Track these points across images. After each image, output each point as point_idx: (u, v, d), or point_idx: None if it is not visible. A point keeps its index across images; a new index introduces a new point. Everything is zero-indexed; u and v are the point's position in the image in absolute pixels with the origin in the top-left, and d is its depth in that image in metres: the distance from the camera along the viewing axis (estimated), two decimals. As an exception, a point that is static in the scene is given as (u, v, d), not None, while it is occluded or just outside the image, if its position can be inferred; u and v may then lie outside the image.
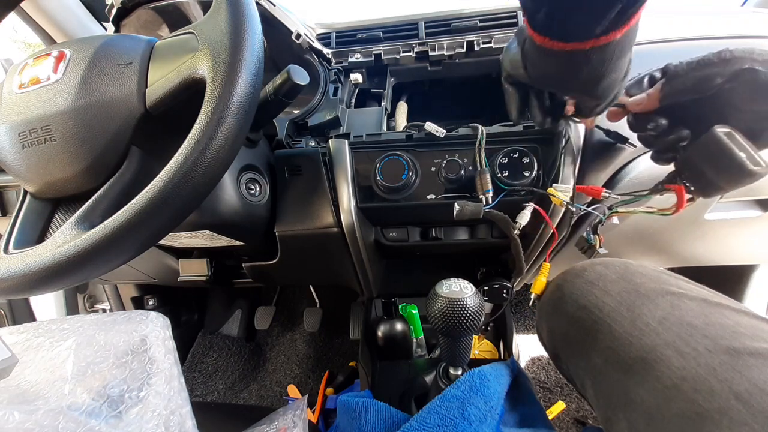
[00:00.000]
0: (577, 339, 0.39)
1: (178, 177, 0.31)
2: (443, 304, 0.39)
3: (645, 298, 0.35)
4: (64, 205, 0.41)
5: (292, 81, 0.45)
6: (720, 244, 0.69)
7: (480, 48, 0.62)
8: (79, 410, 0.40)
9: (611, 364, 0.34)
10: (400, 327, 0.73)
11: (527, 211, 0.50)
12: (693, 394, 0.27)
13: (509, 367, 0.47)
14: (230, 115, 0.32)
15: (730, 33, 0.57)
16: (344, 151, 0.54)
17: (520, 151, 0.49)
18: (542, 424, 0.43)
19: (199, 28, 0.37)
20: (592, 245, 0.45)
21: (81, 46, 0.40)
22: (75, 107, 0.37)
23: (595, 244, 0.45)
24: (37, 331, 0.48)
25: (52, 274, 0.32)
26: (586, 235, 0.46)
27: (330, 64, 0.65)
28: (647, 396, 0.30)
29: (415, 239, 0.62)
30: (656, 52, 0.58)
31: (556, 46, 0.31)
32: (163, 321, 0.53)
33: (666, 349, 0.31)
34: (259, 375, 1.21)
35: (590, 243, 0.45)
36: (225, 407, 0.92)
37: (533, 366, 1.08)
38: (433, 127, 0.52)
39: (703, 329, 0.30)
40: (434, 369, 0.50)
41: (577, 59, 0.31)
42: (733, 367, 0.27)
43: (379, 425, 0.42)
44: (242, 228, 0.54)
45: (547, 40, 0.31)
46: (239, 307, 1.33)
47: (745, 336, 0.29)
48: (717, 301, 0.33)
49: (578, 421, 0.95)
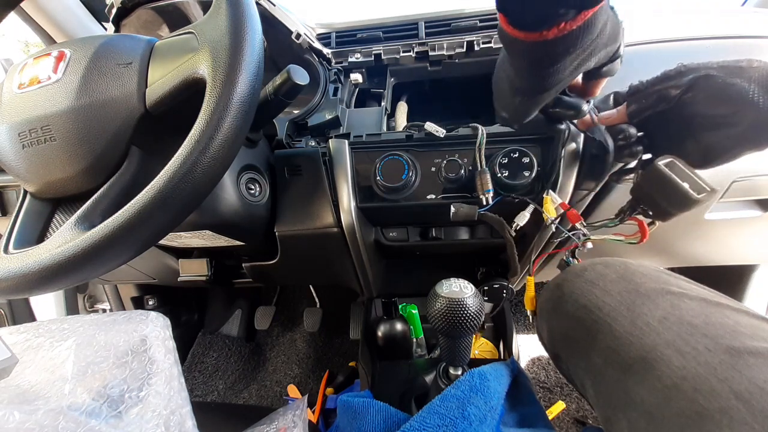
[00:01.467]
0: (577, 339, 0.39)
1: (178, 177, 0.31)
2: (443, 304, 0.39)
3: (645, 297, 0.35)
4: (64, 205, 0.41)
5: (292, 81, 0.45)
6: (720, 244, 0.69)
7: (480, 48, 0.62)
8: (79, 410, 0.40)
9: (611, 364, 0.34)
10: (400, 327, 0.73)
11: (527, 212, 0.50)
12: (693, 393, 0.27)
13: (509, 367, 0.47)
14: (230, 115, 0.32)
15: (730, 33, 0.57)
16: (344, 151, 0.54)
17: (520, 151, 0.49)
18: (542, 424, 0.43)
19: (199, 28, 0.37)
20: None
21: (81, 46, 0.40)
22: (75, 107, 0.37)
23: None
24: (37, 331, 0.48)
25: (53, 274, 0.32)
26: (566, 258, 0.47)
27: (330, 64, 0.65)
28: (647, 395, 0.30)
29: (415, 239, 0.62)
30: (656, 52, 0.58)
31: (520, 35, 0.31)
32: (163, 321, 0.53)
33: (666, 348, 0.31)
34: (259, 375, 1.21)
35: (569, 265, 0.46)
36: (225, 407, 0.92)
37: (533, 366, 1.08)
38: (433, 127, 0.52)
39: (704, 329, 0.30)
40: (434, 369, 0.50)
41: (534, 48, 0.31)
42: (733, 366, 0.27)
43: (379, 425, 0.42)
44: (242, 228, 0.54)
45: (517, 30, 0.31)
46: (239, 307, 1.33)
47: (746, 335, 0.29)
48: (717, 301, 0.33)
49: (578, 421, 0.95)
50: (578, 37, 0.30)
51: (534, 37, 0.30)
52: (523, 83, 0.36)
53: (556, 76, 0.34)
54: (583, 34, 0.30)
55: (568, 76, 0.34)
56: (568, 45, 0.31)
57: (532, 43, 0.31)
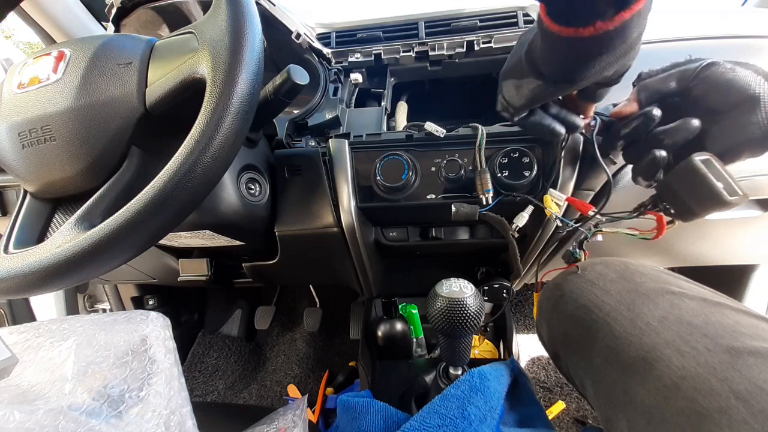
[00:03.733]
0: (577, 338, 0.39)
1: (178, 177, 0.31)
2: (443, 304, 0.39)
3: (645, 297, 0.35)
4: (64, 205, 0.41)
5: (292, 81, 0.45)
6: (720, 244, 0.69)
7: (480, 48, 0.62)
8: (79, 410, 0.40)
9: (611, 364, 0.34)
10: (400, 327, 0.73)
11: (525, 213, 0.50)
12: (693, 393, 0.27)
13: (509, 367, 0.47)
14: (230, 115, 0.32)
15: (730, 33, 0.57)
16: (344, 151, 0.54)
17: (520, 150, 0.49)
18: (542, 424, 0.43)
19: (198, 28, 0.37)
20: (578, 259, 0.45)
21: (81, 46, 0.40)
22: (75, 107, 0.37)
23: (581, 258, 0.45)
24: (37, 331, 0.48)
25: (53, 274, 0.32)
26: (572, 250, 0.46)
27: (330, 63, 0.65)
28: (647, 395, 0.30)
29: (415, 239, 0.61)
30: (656, 52, 0.58)
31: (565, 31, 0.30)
32: (163, 321, 0.53)
33: (666, 348, 0.31)
34: (259, 375, 1.21)
35: (576, 257, 0.45)
36: (225, 407, 0.92)
37: (533, 366, 1.08)
38: (433, 126, 0.52)
39: (703, 328, 0.30)
40: (434, 369, 0.50)
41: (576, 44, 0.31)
42: (732, 366, 0.27)
43: (379, 425, 0.42)
44: (242, 228, 0.54)
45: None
46: (239, 307, 1.33)
47: (745, 335, 0.29)
48: (717, 301, 0.33)
49: (578, 421, 0.95)
50: (612, 39, 0.30)
51: (569, 33, 0.30)
52: (550, 69, 0.35)
53: (583, 73, 0.33)
54: (618, 37, 0.30)
55: (594, 76, 0.34)
56: (602, 46, 0.31)
57: (567, 38, 0.30)
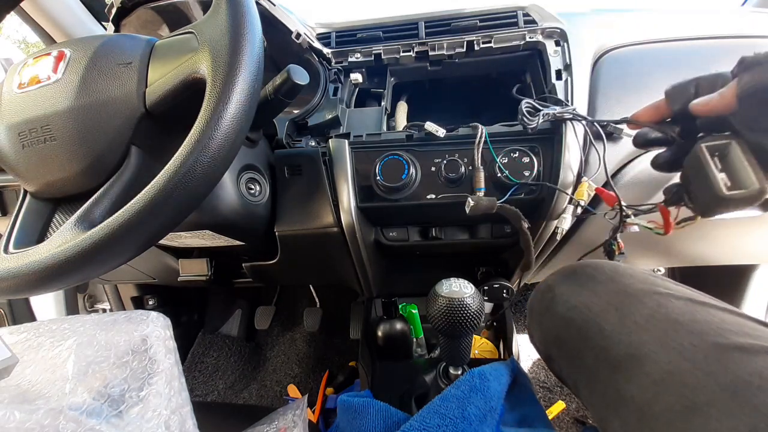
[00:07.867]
0: (569, 339, 0.39)
1: (178, 176, 0.31)
2: (443, 303, 0.39)
3: (633, 297, 0.36)
4: (64, 205, 0.41)
5: (292, 81, 0.45)
6: (720, 244, 0.69)
7: (480, 48, 0.62)
8: (79, 410, 0.40)
9: (602, 362, 0.34)
10: (400, 327, 0.73)
11: (567, 214, 0.50)
12: (681, 388, 0.28)
13: (509, 367, 0.47)
14: (230, 115, 0.32)
15: (730, 33, 0.57)
16: (344, 151, 0.54)
17: (521, 150, 0.49)
18: (542, 424, 0.43)
19: (199, 28, 0.37)
20: (613, 250, 0.46)
21: (81, 46, 0.40)
22: (75, 107, 0.37)
23: (616, 250, 0.46)
24: (37, 330, 0.48)
25: (53, 274, 0.32)
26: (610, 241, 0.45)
27: (330, 63, 0.65)
28: (637, 392, 0.30)
29: (415, 239, 0.61)
30: (656, 52, 0.58)
31: None
32: (163, 321, 0.53)
33: (653, 345, 0.31)
34: (259, 375, 1.21)
35: (613, 248, 0.45)
36: (225, 407, 0.92)
37: (533, 366, 1.08)
38: (433, 126, 0.52)
39: (689, 326, 0.31)
40: (434, 369, 0.50)
41: None
42: (718, 361, 0.28)
43: (379, 425, 0.42)
44: (242, 228, 0.54)
45: None
46: (239, 307, 1.33)
47: (730, 332, 0.29)
48: (702, 300, 0.34)
49: (578, 421, 0.95)
50: None
51: None
52: None
53: None
54: None
55: None
56: None
57: None
